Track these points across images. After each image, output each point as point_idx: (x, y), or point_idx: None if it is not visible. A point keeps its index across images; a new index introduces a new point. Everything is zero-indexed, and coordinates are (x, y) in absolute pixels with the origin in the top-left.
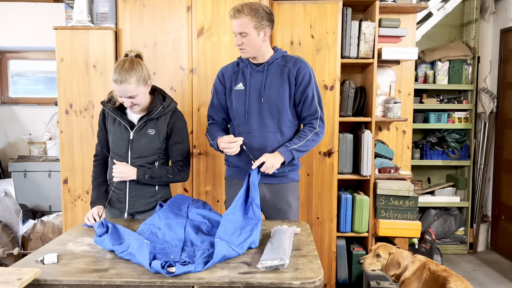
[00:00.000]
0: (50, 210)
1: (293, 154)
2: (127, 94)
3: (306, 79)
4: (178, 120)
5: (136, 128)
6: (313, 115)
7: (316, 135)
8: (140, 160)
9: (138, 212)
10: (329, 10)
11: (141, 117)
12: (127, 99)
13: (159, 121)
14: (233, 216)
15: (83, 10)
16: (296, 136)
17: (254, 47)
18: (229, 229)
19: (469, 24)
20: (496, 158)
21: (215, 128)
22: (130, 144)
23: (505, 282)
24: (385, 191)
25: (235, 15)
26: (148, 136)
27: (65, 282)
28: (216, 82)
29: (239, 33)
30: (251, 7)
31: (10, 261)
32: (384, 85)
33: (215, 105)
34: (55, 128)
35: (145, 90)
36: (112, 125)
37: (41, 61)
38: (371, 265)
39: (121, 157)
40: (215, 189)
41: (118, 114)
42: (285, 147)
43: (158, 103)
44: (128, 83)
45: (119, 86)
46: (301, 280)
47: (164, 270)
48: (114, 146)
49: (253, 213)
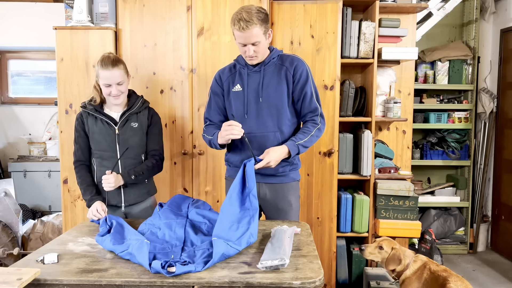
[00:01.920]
0: (50, 210)
1: (299, 149)
2: (117, 80)
3: (303, 76)
4: (155, 114)
5: (120, 123)
6: (314, 112)
7: (318, 131)
8: (129, 153)
9: (134, 204)
10: (329, 10)
11: (123, 113)
12: (116, 86)
13: (140, 115)
14: (230, 207)
15: (83, 10)
16: (300, 131)
17: (263, 52)
18: (225, 223)
19: (469, 24)
20: (496, 158)
21: (213, 128)
22: (117, 138)
23: (505, 282)
24: (385, 191)
25: (247, 27)
26: (133, 129)
27: (65, 282)
28: (214, 84)
29: (251, 44)
30: (257, 14)
31: (10, 261)
32: (384, 85)
33: (212, 107)
34: (55, 128)
35: (128, 80)
36: (95, 125)
37: (41, 61)
38: (372, 255)
39: (110, 153)
40: (215, 189)
41: (99, 113)
42: (292, 141)
43: (137, 98)
44: (118, 68)
45: (110, 72)
46: (301, 280)
47: (164, 270)
48: (100, 144)
49: (250, 203)
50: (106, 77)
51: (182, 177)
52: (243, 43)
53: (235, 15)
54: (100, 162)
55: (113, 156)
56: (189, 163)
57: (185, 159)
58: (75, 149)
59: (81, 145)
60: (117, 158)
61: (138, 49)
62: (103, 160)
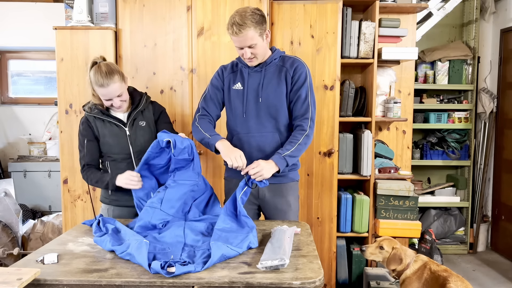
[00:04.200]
0: (50, 210)
1: (287, 161)
2: (116, 94)
3: (301, 79)
4: (159, 106)
5: (129, 123)
6: (303, 115)
7: (307, 138)
8: (142, 153)
9: None
10: (329, 10)
11: (130, 112)
12: (116, 98)
13: (145, 113)
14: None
15: (83, 10)
16: (287, 142)
17: (262, 53)
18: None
19: (469, 24)
20: (496, 158)
21: (208, 121)
22: (129, 139)
23: (505, 282)
24: (385, 191)
25: (240, 31)
26: (142, 128)
27: (65, 282)
28: (215, 77)
29: (247, 46)
30: (251, 16)
31: (10, 261)
32: (384, 85)
33: (210, 97)
34: (55, 128)
35: (126, 86)
36: (105, 129)
37: (41, 61)
38: (373, 255)
39: (123, 155)
40: (215, 189)
41: (106, 116)
42: (278, 154)
43: (141, 96)
44: (113, 82)
45: (106, 89)
46: (301, 280)
47: (164, 270)
48: (112, 147)
49: (245, 223)
50: (103, 94)
51: None
52: (239, 46)
53: (229, 19)
54: (114, 165)
55: (127, 157)
56: None
57: None
58: (82, 155)
59: (90, 149)
60: (131, 158)
61: (138, 49)
62: (117, 163)
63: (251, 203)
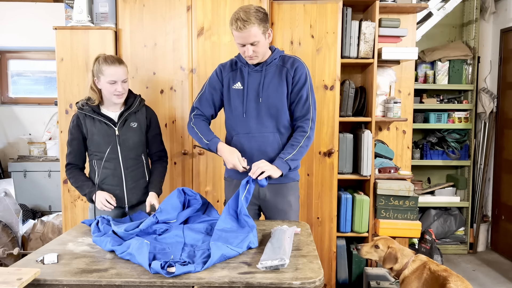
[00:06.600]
0: (50, 210)
1: (290, 165)
2: (123, 77)
3: (302, 79)
4: (153, 113)
5: (119, 123)
6: (304, 116)
7: (308, 139)
8: (130, 153)
9: (137, 204)
10: (329, 10)
11: (121, 112)
12: (122, 83)
13: (138, 114)
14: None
15: (83, 10)
16: (288, 145)
17: (263, 51)
18: (223, 235)
19: (469, 24)
20: (496, 158)
21: (205, 125)
22: (117, 139)
23: (505, 282)
24: (385, 191)
25: (244, 27)
26: (132, 129)
27: (65, 282)
28: (213, 77)
29: (250, 43)
30: (255, 13)
31: (10, 261)
32: (384, 85)
33: (205, 98)
34: (55, 128)
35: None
36: (94, 127)
37: (41, 61)
38: (368, 254)
39: (110, 154)
40: (215, 189)
41: (97, 114)
42: (280, 159)
43: (135, 97)
44: (123, 65)
45: (116, 69)
46: (301, 280)
47: (164, 270)
48: (99, 146)
49: (246, 222)
50: (112, 73)
51: (182, 177)
52: (242, 43)
53: (233, 15)
54: (101, 164)
55: (114, 157)
56: (189, 163)
57: (185, 159)
58: (68, 151)
59: (75, 148)
60: (119, 159)
61: (138, 49)
62: (105, 162)
63: (251, 203)
